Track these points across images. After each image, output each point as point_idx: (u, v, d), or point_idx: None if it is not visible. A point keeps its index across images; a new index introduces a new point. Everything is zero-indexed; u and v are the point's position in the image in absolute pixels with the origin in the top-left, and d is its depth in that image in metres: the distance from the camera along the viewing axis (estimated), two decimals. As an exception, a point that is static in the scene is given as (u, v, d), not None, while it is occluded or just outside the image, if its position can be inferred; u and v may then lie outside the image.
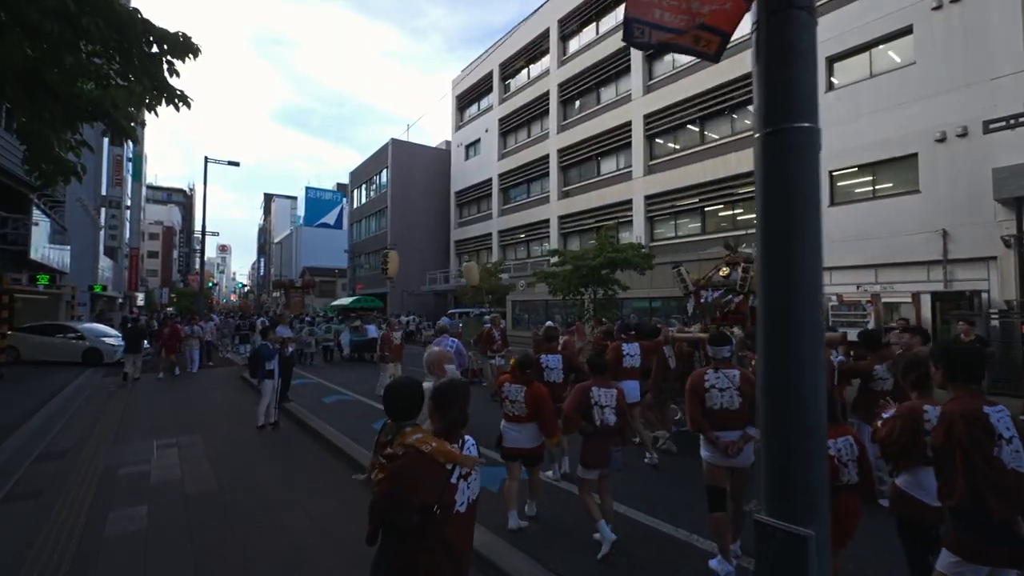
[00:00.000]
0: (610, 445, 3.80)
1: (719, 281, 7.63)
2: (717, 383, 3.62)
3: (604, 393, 3.87)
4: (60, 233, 17.55)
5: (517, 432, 4.15)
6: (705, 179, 18.68)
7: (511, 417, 4.17)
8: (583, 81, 24.79)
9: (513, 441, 4.16)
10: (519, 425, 4.14)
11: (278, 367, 7.11)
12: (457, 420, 2.08)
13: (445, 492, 1.88)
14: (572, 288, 13.98)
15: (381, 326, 19.69)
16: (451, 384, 2.18)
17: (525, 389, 4.11)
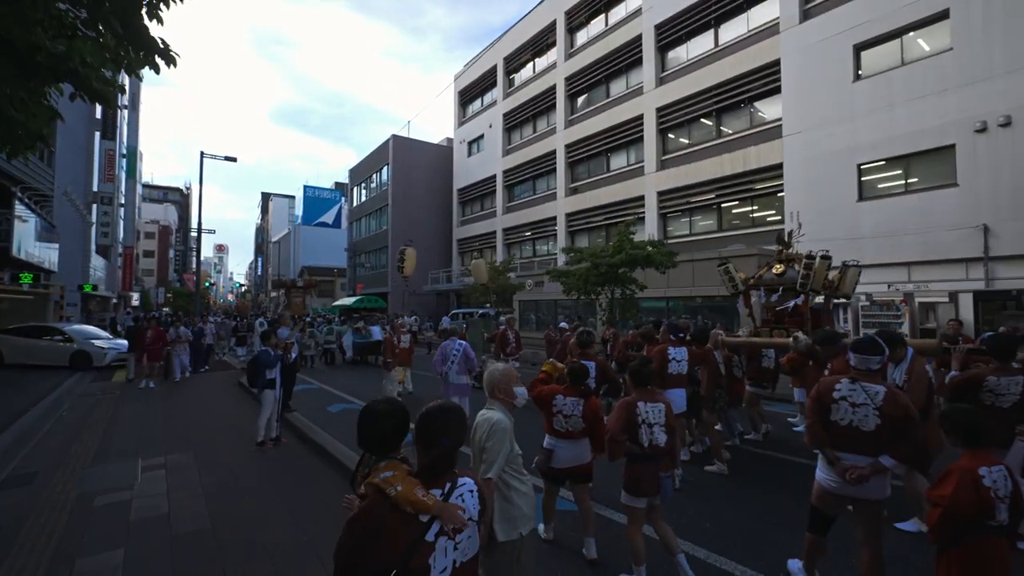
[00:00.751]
0: (660, 469, 3.29)
1: (771, 280, 6.88)
2: (851, 395, 2.94)
3: (651, 409, 3.35)
4: (48, 230, 16.72)
5: (572, 450, 3.67)
6: (722, 174, 17.96)
7: (564, 433, 3.66)
8: (592, 74, 24.04)
9: (567, 460, 3.67)
10: (573, 442, 3.67)
11: (280, 376, 6.34)
12: (444, 457, 1.67)
13: (414, 552, 1.49)
14: (589, 287, 13.22)
15: (385, 327, 18.96)
16: (440, 409, 1.75)
17: (583, 402, 3.64)
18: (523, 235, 28.67)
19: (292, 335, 8.44)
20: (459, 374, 7.47)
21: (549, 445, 3.73)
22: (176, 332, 12.14)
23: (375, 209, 38.17)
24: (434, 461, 1.65)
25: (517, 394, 2.58)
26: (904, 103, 13.46)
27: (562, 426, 3.66)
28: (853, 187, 14.42)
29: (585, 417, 3.63)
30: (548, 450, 3.72)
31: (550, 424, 3.72)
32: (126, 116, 32.64)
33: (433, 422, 1.69)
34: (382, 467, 1.65)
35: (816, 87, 15.29)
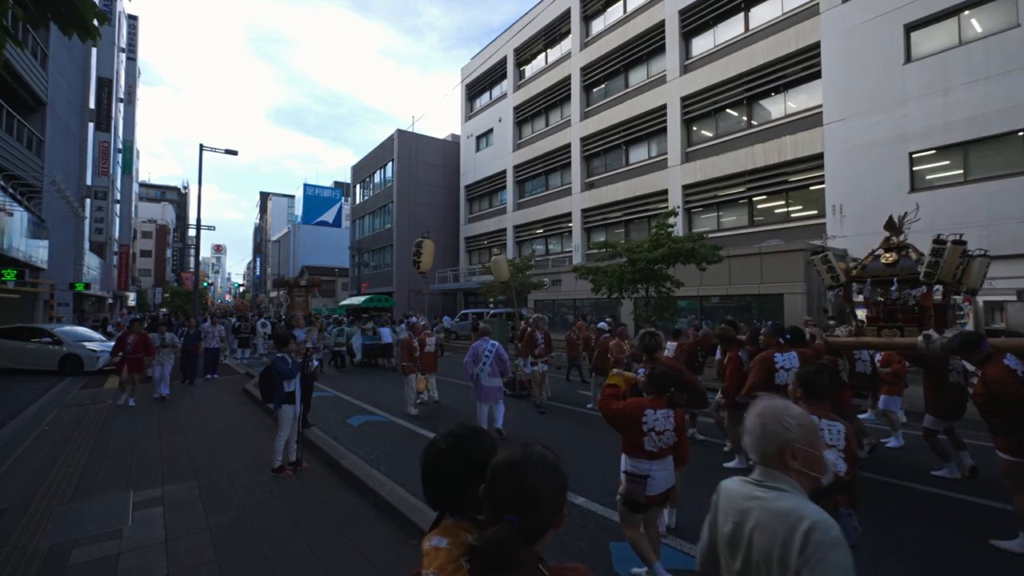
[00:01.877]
0: (838, 504, 2.48)
1: (879, 270, 5.84)
2: None
3: (831, 429, 2.72)
4: (37, 225, 15.61)
5: (665, 470, 3.18)
6: (754, 166, 16.93)
7: (657, 453, 3.13)
8: (609, 63, 23.01)
9: (661, 485, 3.14)
10: (664, 461, 3.17)
11: (299, 388, 5.28)
12: (504, 545, 0.99)
13: None
14: (626, 285, 12.17)
15: (395, 328, 17.90)
16: (515, 464, 1.06)
17: (673, 414, 3.20)
18: (535, 232, 27.62)
19: (310, 338, 7.33)
20: (492, 376, 6.97)
21: (641, 470, 3.12)
22: (162, 339, 9.86)
23: (379, 207, 37.07)
24: (491, 550, 0.99)
25: (829, 461, 1.50)
26: (963, 86, 12.46)
27: (655, 445, 3.10)
28: (904, 177, 13.41)
29: (677, 430, 3.19)
30: (642, 476, 3.10)
31: (637, 445, 3.12)
32: (122, 109, 31.52)
33: (501, 482, 1.06)
34: (432, 533, 1.18)
35: (861, 71, 14.28)
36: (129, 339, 9.28)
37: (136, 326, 9.58)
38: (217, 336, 12.86)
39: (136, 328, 9.53)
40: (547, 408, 9.20)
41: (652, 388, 3.18)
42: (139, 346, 9.27)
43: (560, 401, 10.05)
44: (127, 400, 8.98)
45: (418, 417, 8.20)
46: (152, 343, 9.55)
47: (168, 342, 9.95)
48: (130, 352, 9.12)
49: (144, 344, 9.37)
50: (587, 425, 8.22)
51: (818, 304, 13.38)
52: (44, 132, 16.35)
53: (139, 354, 9.25)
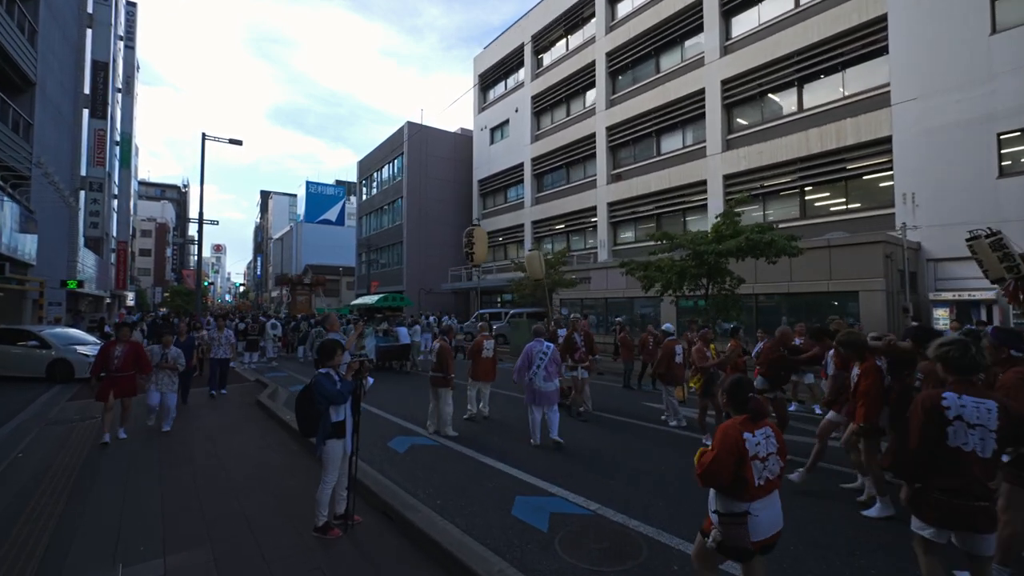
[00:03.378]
0: None
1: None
2: None
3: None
4: (25, 216, 14.20)
5: (771, 508, 2.43)
6: (807, 152, 15.53)
7: (764, 487, 2.39)
8: (638, 47, 21.61)
9: (767, 527, 2.39)
10: (769, 499, 2.42)
11: (351, 417, 3.86)
12: None
13: None
14: (689, 281, 10.77)
15: (433, 329, 16.44)
16: None
17: (773, 430, 2.48)
18: (555, 228, 26.22)
19: (350, 345, 5.78)
20: (547, 380, 6.58)
21: (737, 507, 2.40)
22: (164, 354, 7.08)
23: (388, 202, 35.68)
24: None
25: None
26: (1065, 57, 11.07)
27: (760, 477, 2.40)
28: (991, 162, 12.01)
29: (781, 453, 2.49)
30: (739, 514, 2.37)
31: (746, 482, 2.38)
32: (119, 100, 30.10)
33: None
34: None
35: (937, 45, 12.89)
36: (115, 351, 6.53)
37: (124, 333, 6.75)
38: (226, 343, 9.92)
39: (124, 336, 6.71)
40: (591, 418, 8.14)
41: (731, 402, 2.56)
42: (129, 361, 6.57)
43: (608, 411, 8.74)
44: (112, 436, 6.36)
45: (469, 439, 6.81)
46: (147, 357, 6.88)
47: (170, 361, 7.08)
48: (117, 369, 6.45)
49: (135, 358, 6.64)
50: (640, 436, 7.03)
51: (897, 302, 11.99)
52: (33, 115, 14.93)
53: (129, 371, 6.58)
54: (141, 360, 6.73)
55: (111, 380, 6.43)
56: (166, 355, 7.08)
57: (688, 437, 7.12)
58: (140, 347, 6.90)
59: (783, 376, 7.18)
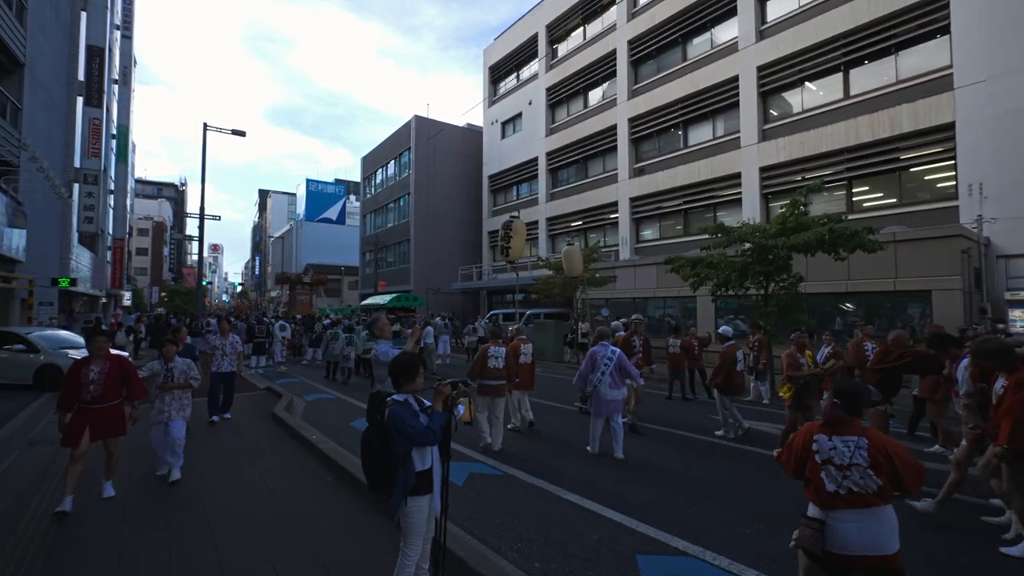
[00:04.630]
0: None
1: None
2: None
3: None
4: (13, 209, 13.05)
5: (864, 524, 2.21)
6: (857, 141, 14.47)
7: (844, 498, 2.24)
8: (664, 34, 20.54)
9: (849, 542, 2.21)
10: (863, 513, 2.22)
11: (440, 463, 2.74)
12: None
13: None
14: (751, 278, 9.70)
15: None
16: None
17: (869, 441, 2.26)
18: (571, 225, 25.13)
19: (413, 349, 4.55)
20: (612, 387, 6.06)
21: (815, 514, 2.31)
22: (167, 371, 5.06)
23: (394, 199, 34.57)
24: None
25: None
26: None
27: (841, 486, 2.23)
28: (1075, 148, 10.97)
29: (878, 464, 2.20)
30: (816, 520, 2.28)
31: (817, 487, 2.30)
32: (116, 91, 28.91)
33: None
34: None
35: (1009, 23, 11.86)
36: (89, 372, 4.30)
37: (100, 345, 4.44)
38: (232, 352, 7.64)
39: (101, 349, 4.42)
40: (643, 431, 7.30)
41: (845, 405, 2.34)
42: (111, 384, 4.36)
43: (657, 423, 7.83)
44: (101, 488, 4.50)
45: (525, 460, 5.78)
46: (139, 375, 4.73)
47: (177, 379, 5.08)
48: (95, 398, 4.26)
49: (121, 378, 4.44)
50: (720, 456, 6.12)
51: (974, 303, 10.94)
52: (21, 99, 13.79)
53: (111, 401, 4.36)
54: (131, 381, 4.51)
55: (85, 415, 4.24)
56: (171, 372, 5.06)
57: (761, 455, 6.07)
58: (126, 363, 4.61)
59: (896, 386, 6.25)
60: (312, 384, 12.04)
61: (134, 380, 4.56)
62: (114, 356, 4.54)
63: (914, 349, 5.67)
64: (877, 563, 2.20)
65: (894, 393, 6.20)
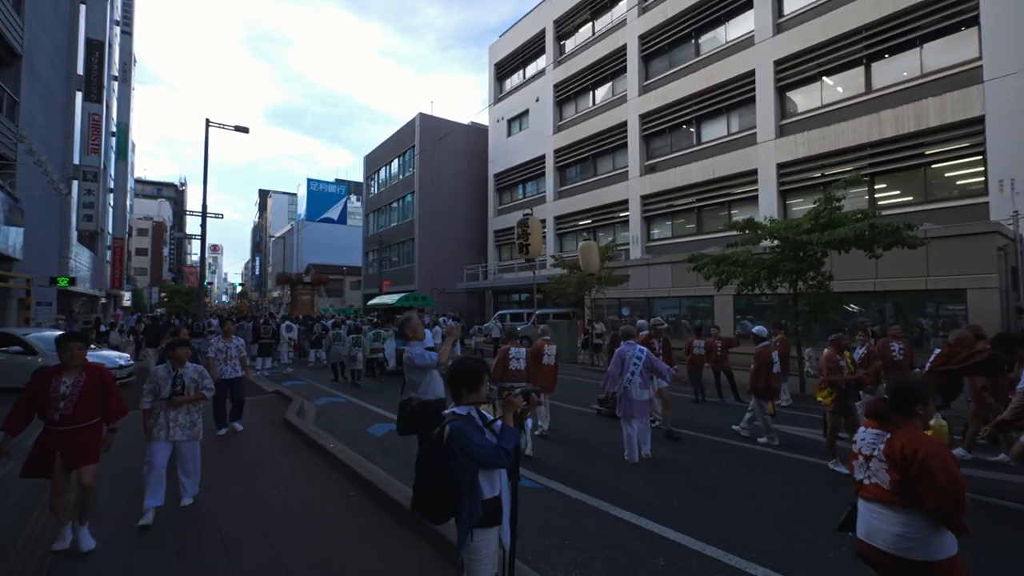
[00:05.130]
0: None
1: None
2: None
3: None
4: (10, 205, 12.61)
5: (868, 515, 2.27)
6: (881, 136, 14.06)
7: (868, 488, 2.28)
8: (676, 28, 20.13)
9: (865, 532, 2.28)
10: (871, 506, 2.26)
11: (509, 489, 2.31)
12: None
13: None
14: (783, 276, 9.28)
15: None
16: None
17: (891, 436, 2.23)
18: (579, 223, 24.71)
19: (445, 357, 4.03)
20: (642, 388, 5.87)
21: None
22: (175, 378, 4.17)
23: (398, 198, 34.14)
24: None
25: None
26: None
27: (864, 476, 2.30)
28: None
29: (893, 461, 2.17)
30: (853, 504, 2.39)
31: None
32: (116, 88, 28.47)
33: None
34: None
35: (1042, 11, 11.45)
36: (59, 384, 3.46)
37: (74, 352, 3.55)
38: (236, 357, 6.95)
39: (75, 357, 3.55)
40: (678, 435, 6.97)
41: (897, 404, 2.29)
42: (87, 403, 3.51)
43: (690, 427, 7.44)
44: (76, 538, 3.52)
45: (556, 468, 5.37)
46: (119, 394, 3.74)
47: (188, 391, 4.20)
48: (65, 417, 3.42)
49: (99, 392, 3.59)
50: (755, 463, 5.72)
51: (1010, 302, 10.52)
52: (19, 92, 13.35)
53: (86, 422, 3.51)
54: (111, 397, 3.60)
55: (54, 440, 3.38)
56: (180, 379, 4.15)
57: (801, 461, 5.64)
58: (107, 374, 3.69)
59: (958, 389, 5.93)
60: (320, 387, 11.61)
61: (114, 396, 3.66)
62: (92, 366, 3.67)
63: (984, 349, 5.26)
64: (870, 553, 2.24)
65: (955, 396, 5.85)
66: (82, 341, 3.71)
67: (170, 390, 4.12)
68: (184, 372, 4.26)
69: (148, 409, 4.08)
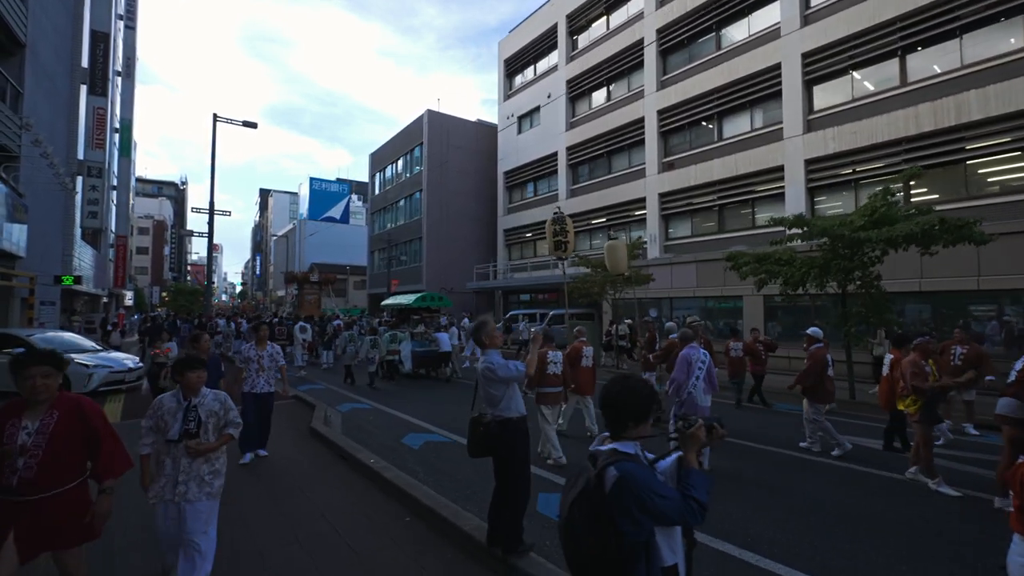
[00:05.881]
0: None
1: None
2: None
3: None
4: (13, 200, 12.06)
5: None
6: (919, 130, 13.53)
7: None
8: (696, 21, 19.60)
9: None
10: None
11: (683, 543, 1.79)
12: None
13: None
14: (836, 274, 8.76)
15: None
16: None
17: None
18: (593, 222, 24.19)
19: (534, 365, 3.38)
20: (705, 393, 5.51)
21: None
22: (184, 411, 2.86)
23: (405, 196, 33.61)
24: None
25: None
26: None
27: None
28: None
29: None
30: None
31: None
32: (119, 84, 27.91)
33: None
34: None
35: (1096, -1, 10.92)
36: (18, 432, 2.30)
37: (40, 384, 2.37)
38: (271, 366, 5.82)
39: (41, 391, 2.38)
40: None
41: None
42: (62, 457, 2.37)
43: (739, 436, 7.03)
44: None
45: None
46: (115, 439, 2.57)
47: (208, 422, 2.90)
48: (27, 479, 2.27)
49: (76, 441, 2.43)
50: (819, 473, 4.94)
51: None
52: (23, 83, 12.80)
53: (61, 486, 2.35)
54: (102, 444, 2.49)
55: (13, 511, 2.26)
56: (194, 414, 2.86)
57: (887, 478, 5.09)
58: (88, 408, 2.54)
59: None
60: (339, 391, 11.09)
61: (106, 441, 2.49)
62: (67, 399, 2.48)
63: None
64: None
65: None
66: (50, 365, 2.41)
67: (180, 429, 2.78)
68: (200, 402, 2.90)
69: (148, 455, 2.84)
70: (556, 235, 9.28)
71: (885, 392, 6.31)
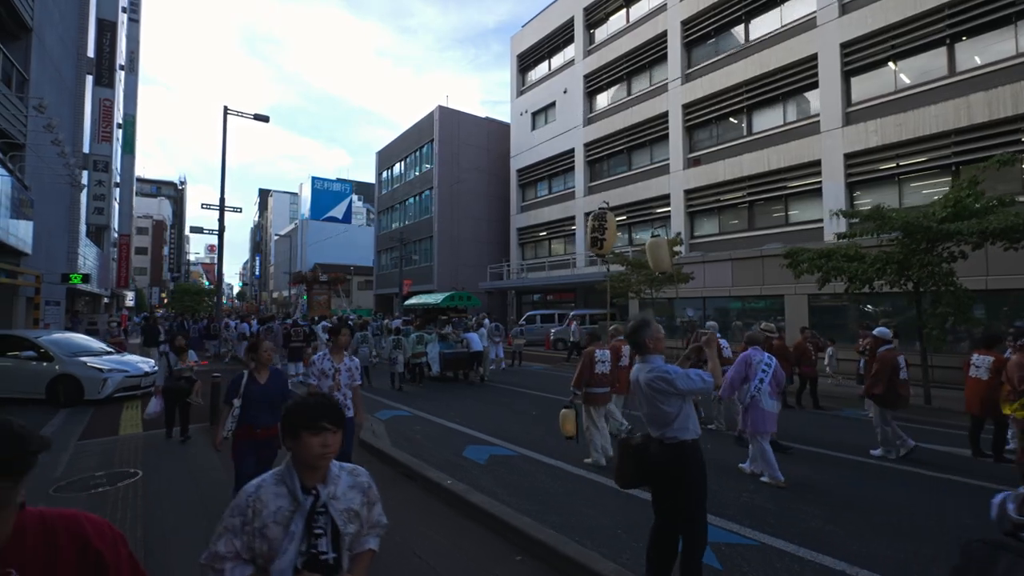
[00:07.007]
0: None
1: None
2: None
3: None
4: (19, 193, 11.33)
5: None
6: (970, 122, 12.94)
7: None
8: (723, 12, 19.01)
9: None
10: None
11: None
12: None
13: None
14: (919, 270, 8.12)
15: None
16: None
17: None
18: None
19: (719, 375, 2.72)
20: (772, 397, 5.21)
21: None
22: (305, 518, 1.47)
23: (414, 194, 32.93)
24: None
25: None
26: None
27: None
28: None
29: None
30: None
31: None
32: (123, 78, 27.14)
33: None
34: None
35: None
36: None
37: None
38: (347, 383, 4.37)
39: None
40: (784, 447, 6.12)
41: None
42: None
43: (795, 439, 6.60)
44: None
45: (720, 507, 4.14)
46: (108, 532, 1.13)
47: (367, 511, 1.70)
48: None
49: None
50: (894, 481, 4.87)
51: None
52: (29, 69, 12.09)
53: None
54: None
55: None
56: (322, 526, 1.53)
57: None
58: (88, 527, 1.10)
59: None
60: (369, 396, 10.38)
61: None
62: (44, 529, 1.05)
63: None
64: None
65: None
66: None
67: (299, 550, 1.49)
68: (331, 495, 1.60)
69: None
70: (594, 231, 8.71)
71: (986, 395, 5.75)
